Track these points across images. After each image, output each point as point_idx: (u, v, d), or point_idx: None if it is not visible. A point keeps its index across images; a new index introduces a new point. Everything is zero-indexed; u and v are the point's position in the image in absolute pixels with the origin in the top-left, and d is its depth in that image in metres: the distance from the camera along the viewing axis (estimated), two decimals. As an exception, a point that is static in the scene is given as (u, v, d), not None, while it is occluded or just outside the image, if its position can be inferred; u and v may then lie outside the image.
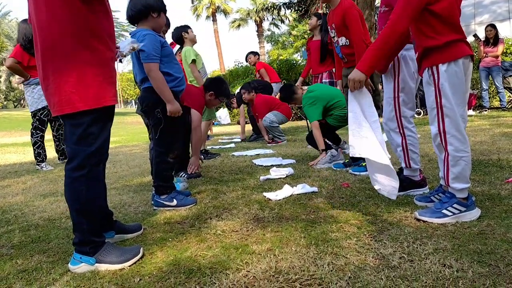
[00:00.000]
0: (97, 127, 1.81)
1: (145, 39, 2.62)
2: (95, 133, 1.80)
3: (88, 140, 1.78)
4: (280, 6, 18.37)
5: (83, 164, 1.79)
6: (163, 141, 2.82)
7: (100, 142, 1.82)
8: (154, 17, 2.74)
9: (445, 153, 2.09)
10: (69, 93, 1.72)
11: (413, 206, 2.40)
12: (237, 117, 14.38)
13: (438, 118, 2.08)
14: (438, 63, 2.04)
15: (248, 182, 3.42)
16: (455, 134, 2.05)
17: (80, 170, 1.79)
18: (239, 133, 9.06)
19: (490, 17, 13.81)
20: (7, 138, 13.16)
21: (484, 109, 8.91)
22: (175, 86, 2.79)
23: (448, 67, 2.02)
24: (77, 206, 1.81)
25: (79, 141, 1.78)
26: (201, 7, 39.57)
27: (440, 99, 2.06)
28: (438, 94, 2.06)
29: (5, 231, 2.49)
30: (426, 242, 1.83)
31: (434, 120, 2.11)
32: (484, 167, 3.27)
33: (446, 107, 2.04)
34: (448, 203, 2.10)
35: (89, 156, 1.79)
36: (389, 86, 2.69)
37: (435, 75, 2.06)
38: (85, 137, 1.78)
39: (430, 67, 2.08)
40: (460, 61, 2.03)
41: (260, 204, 2.67)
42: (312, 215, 2.38)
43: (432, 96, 2.10)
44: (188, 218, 2.50)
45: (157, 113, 2.76)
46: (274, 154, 5.02)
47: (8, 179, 4.54)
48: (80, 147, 1.78)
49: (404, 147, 2.68)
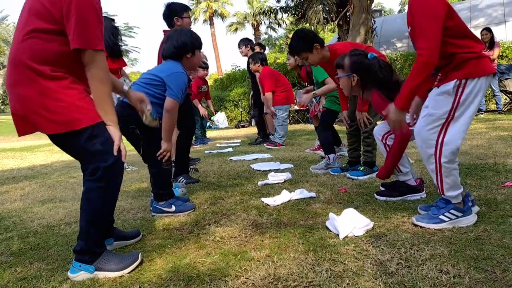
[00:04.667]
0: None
1: (175, 78, 2.69)
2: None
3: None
4: (277, 10, 18.37)
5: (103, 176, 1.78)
6: (151, 154, 2.76)
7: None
8: (188, 58, 2.82)
9: (437, 165, 2.08)
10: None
11: (410, 211, 2.42)
12: (235, 121, 14.42)
13: (441, 129, 2.07)
14: (469, 77, 2.01)
15: (246, 187, 3.43)
16: (452, 148, 2.04)
17: (100, 182, 1.78)
18: (237, 137, 9.08)
19: (486, 20, 13.87)
20: (4, 143, 13.13)
21: (481, 112, 8.95)
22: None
23: (477, 81, 2.01)
24: (89, 217, 1.82)
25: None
26: (198, 11, 39.69)
27: (455, 111, 2.04)
28: (456, 106, 2.03)
29: (4, 238, 2.50)
30: (423, 248, 1.84)
31: (435, 130, 2.08)
32: (481, 171, 3.29)
33: (455, 120, 2.04)
34: (444, 209, 2.12)
35: (107, 169, 1.77)
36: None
37: (460, 88, 2.02)
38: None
39: (460, 79, 2.02)
40: (486, 77, 2.03)
41: (259, 210, 2.68)
42: (310, 220, 2.39)
43: (447, 107, 2.06)
44: (186, 224, 2.51)
45: (132, 130, 2.65)
46: (272, 159, 5.03)
47: (6, 185, 4.54)
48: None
49: (388, 153, 2.70)
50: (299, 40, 3.41)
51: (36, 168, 5.90)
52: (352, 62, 2.70)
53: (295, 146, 6.30)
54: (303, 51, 3.41)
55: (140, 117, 2.42)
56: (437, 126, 2.07)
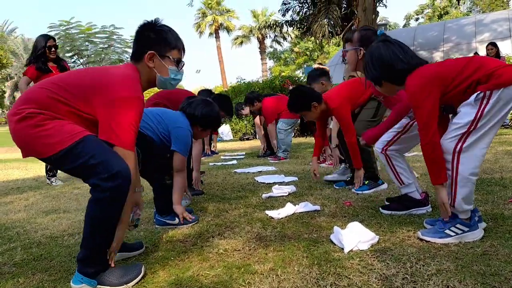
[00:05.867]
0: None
1: (183, 133, 2.79)
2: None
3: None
4: (283, 24, 18.58)
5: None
6: (152, 169, 2.77)
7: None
8: (198, 130, 2.95)
9: (454, 173, 2.06)
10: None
11: (416, 225, 2.39)
12: (239, 134, 14.43)
13: (461, 138, 2.03)
14: (492, 89, 1.97)
15: (251, 200, 3.42)
16: (471, 157, 2.01)
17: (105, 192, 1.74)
18: (241, 149, 9.09)
19: (491, 35, 13.91)
20: (9, 153, 13.19)
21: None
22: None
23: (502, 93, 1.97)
24: (89, 229, 1.79)
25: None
26: (204, 24, 40.09)
27: (477, 122, 2.00)
28: (479, 116, 1.99)
29: (7, 249, 2.49)
30: (429, 262, 1.82)
31: (454, 139, 2.05)
32: (487, 186, 3.26)
33: (477, 130, 2.00)
34: (451, 223, 2.09)
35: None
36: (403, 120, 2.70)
37: (484, 100, 1.98)
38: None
39: (484, 91, 1.99)
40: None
41: (263, 223, 2.66)
42: (314, 234, 2.37)
43: (470, 117, 2.02)
44: (190, 236, 2.50)
45: None
46: (276, 171, 5.02)
47: (11, 196, 4.55)
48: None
49: (390, 165, 2.69)
50: (297, 100, 3.55)
51: (40, 178, 5.92)
52: (360, 35, 2.83)
53: (299, 159, 6.29)
54: (302, 110, 3.54)
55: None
56: (458, 135, 2.03)
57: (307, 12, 17.10)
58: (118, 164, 1.72)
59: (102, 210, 1.75)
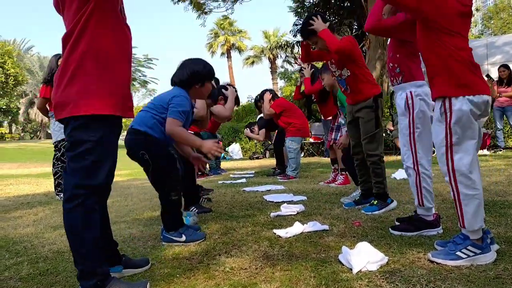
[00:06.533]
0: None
1: (177, 99, 2.74)
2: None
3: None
4: (294, 44, 18.75)
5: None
6: (159, 182, 2.78)
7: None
8: (197, 88, 2.88)
9: (455, 193, 2.05)
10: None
11: (426, 247, 2.34)
12: (249, 153, 14.43)
13: (447, 156, 2.04)
14: (453, 95, 2.00)
15: (259, 218, 3.39)
16: (465, 173, 2.01)
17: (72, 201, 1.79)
18: (251, 168, 9.06)
19: (503, 57, 13.84)
20: (21, 169, 13.32)
21: (499, 149, 8.81)
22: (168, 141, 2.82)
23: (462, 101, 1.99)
24: (72, 237, 1.81)
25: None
26: (216, 44, 40.57)
27: (451, 138, 2.03)
28: (450, 132, 2.03)
29: (14, 263, 2.49)
30: (440, 285, 1.77)
31: (442, 158, 2.07)
32: (500, 208, 3.19)
33: (456, 145, 2.02)
34: (462, 245, 2.04)
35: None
36: (403, 122, 2.70)
37: (447, 113, 2.03)
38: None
39: (443, 102, 2.03)
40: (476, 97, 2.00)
41: (270, 241, 2.63)
42: (322, 253, 2.34)
43: (442, 134, 2.06)
44: (196, 253, 2.48)
45: (142, 155, 2.67)
46: (285, 190, 4.99)
47: (20, 210, 4.57)
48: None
49: (417, 184, 2.65)
50: (306, 24, 3.42)
51: (50, 194, 5.95)
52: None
53: (309, 178, 6.25)
54: (314, 33, 3.40)
55: (149, 143, 2.61)
56: (443, 154, 2.05)
57: (318, 33, 17.24)
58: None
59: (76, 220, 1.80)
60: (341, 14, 16.31)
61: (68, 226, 1.81)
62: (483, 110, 2.03)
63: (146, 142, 2.68)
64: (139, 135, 2.69)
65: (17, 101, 46.84)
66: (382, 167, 3.46)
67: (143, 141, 2.68)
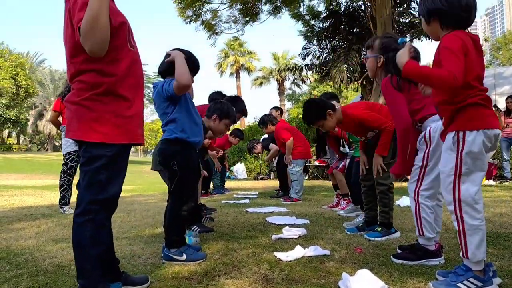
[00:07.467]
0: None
1: (162, 83, 2.76)
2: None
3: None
4: (302, 67, 18.87)
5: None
6: (178, 193, 2.84)
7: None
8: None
9: (460, 222, 2.04)
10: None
11: (427, 276, 2.32)
12: (254, 173, 14.42)
13: (454, 186, 2.05)
14: (466, 129, 2.00)
15: (260, 240, 3.38)
16: (470, 203, 2.01)
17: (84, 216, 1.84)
18: (255, 188, 9.05)
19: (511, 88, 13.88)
20: (27, 180, 13.39)
21: (505, 180, 8.75)
22: (191, 136, 2.84)
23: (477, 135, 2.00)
24: (78, 251, 1.86)
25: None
26: (225, 64, 41.08)
27: (460, 167, 2.03)
28: (460, 162, 2.03)
29: (14, 275, 2.49)
30: (440, 317, 1.75)
31: (449, 187, 2.08)
32: (504, 240, 3.16)
33: (465, 175, 2.02)
34: (463, 276, 2.02)
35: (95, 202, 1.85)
36: (419, 155, 2.67)
37: (460, 143, 2.02)
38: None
39: (457, 132, 2.04)
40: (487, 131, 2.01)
41: (270, 264, 2.62)
42: (323, 279, 2.32)
43: (452, 163, 2.06)
44: (196, 274, 2.47)
45: (172, 165, 2.80)
46: (288, 213, 4.97)
47: (23, 222, 4.59)
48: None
49: (417, 214, 2.64)
50: (312, 110, 3.57)
51: (54, 206, 5.97)
52: (381, 43, 2.83)
53: (312, 202, 6.23)
54: (317, 120, 3.55)
55: (180, 155, 2.74)
56: (450, 183, 2.05)
57: (326, 57, 17.40)
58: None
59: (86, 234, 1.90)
60: (350, 39, 16.47)
61: (76, 241, 1.85)
62: (493, 142, 2.05)
63: (177, 153, 2.79)
64: (172, 146, 2.80)
65: (26, 112, 47.39)
66: (390, 197, 3.46)
67: (175, 152, 2.80)
